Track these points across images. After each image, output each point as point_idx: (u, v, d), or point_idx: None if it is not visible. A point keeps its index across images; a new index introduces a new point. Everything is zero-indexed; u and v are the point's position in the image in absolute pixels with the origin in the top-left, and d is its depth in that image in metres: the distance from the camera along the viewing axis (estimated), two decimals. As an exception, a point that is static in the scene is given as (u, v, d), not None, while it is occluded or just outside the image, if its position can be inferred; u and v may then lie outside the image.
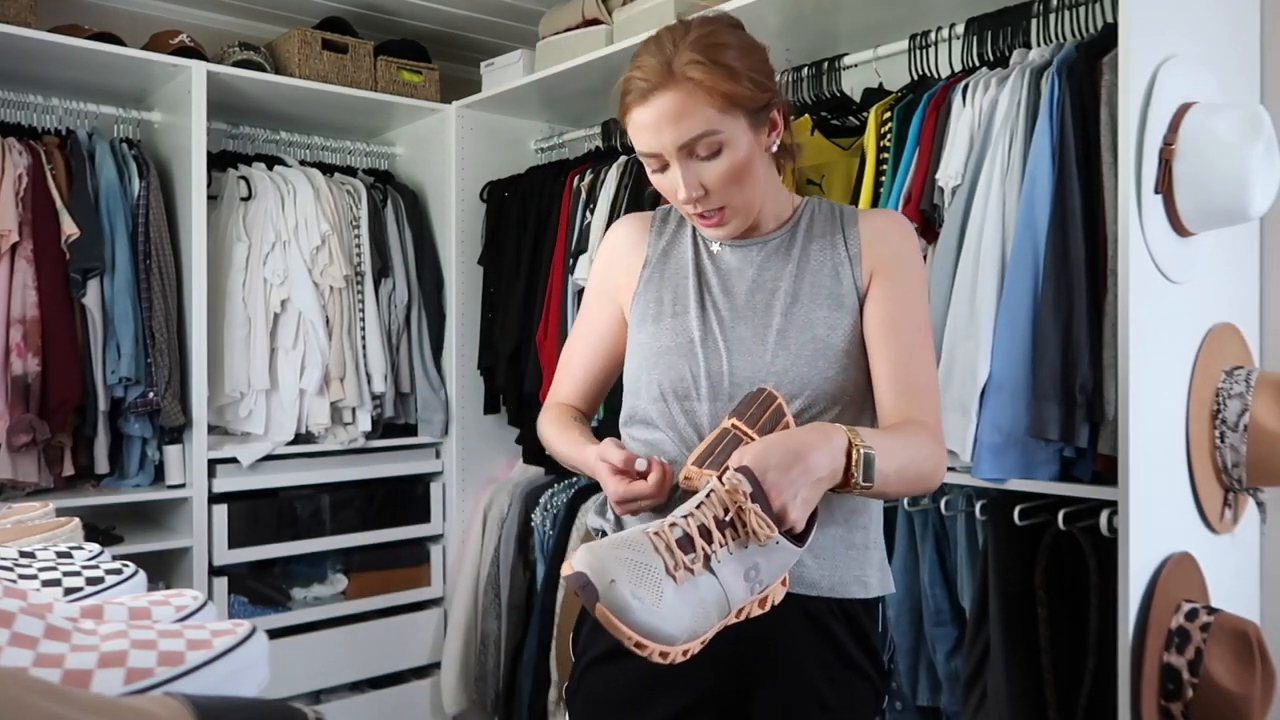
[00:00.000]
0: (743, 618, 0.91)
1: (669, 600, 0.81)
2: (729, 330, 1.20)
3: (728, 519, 0.85)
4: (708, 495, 0.87)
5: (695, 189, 1.13)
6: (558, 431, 1.29)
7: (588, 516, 1.31)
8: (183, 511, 2.55)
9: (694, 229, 1.28)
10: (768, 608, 0.93)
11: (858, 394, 1.19)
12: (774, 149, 1.21)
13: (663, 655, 0.81)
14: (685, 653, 0.83)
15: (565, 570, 0.83)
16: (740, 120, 1.13)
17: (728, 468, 0.90)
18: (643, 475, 1.09)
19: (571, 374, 1.36)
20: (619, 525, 1.22)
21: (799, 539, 0.91)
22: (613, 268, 1.33)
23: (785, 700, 1.17)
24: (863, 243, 1.22)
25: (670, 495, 1.10)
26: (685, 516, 0.86)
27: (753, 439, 0.98)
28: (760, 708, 1.17)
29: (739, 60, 1.12)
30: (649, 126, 1.12)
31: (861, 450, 0.97)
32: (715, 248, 1.26)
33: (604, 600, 0.79)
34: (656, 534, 0.84)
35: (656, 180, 1.18)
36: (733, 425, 1.01)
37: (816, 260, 1.22)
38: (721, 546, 0.85)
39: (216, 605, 2.54)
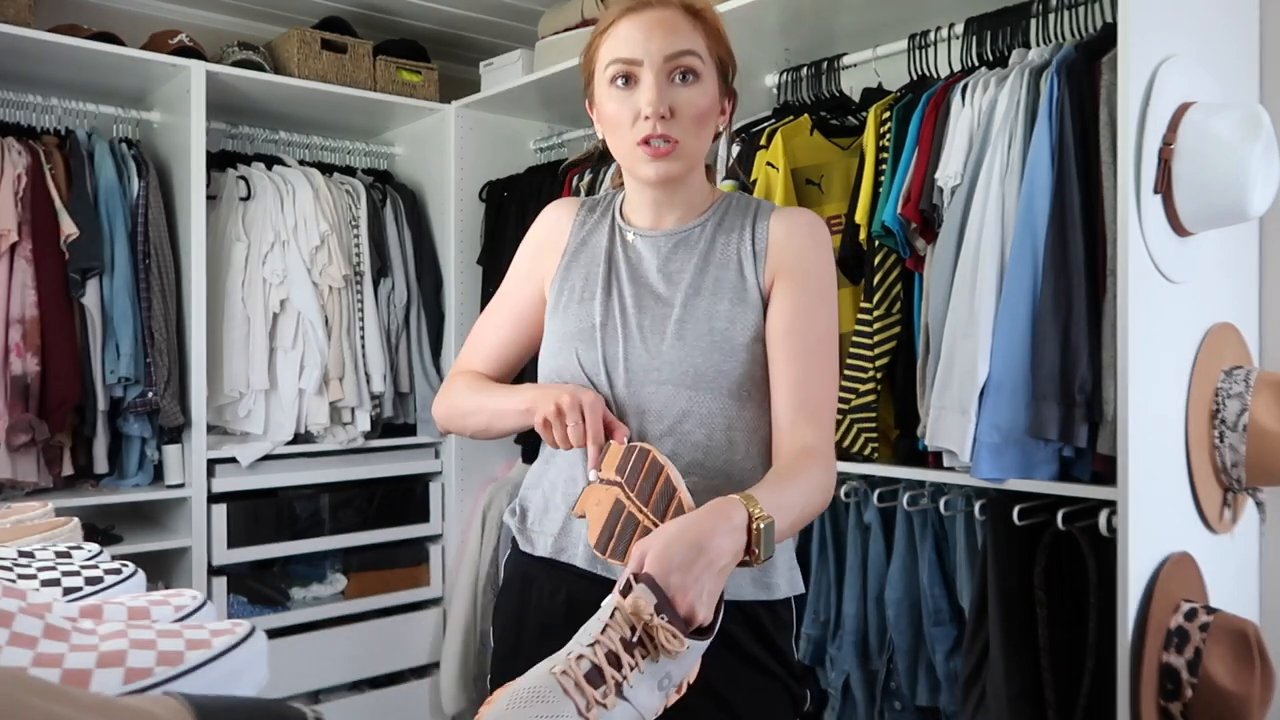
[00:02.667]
0: (658, 714, 0.87)
1: None
2: (630, 318, 1.19)
3: (635, 639, 0.82)
4: (612, 616, 0.83)
5: (663, 104, 1.13)
6: (474, 390, 1.27)
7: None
8: (182, 511, 2.55)
9: (614, 220, 1.28)
10: (684, 692, 0.89)
11: (754, 389, 1.18)
12: (720, 130, 1.23)
13: None
14: None
15: None
16: (714, 72, 1.17)
17: (630, 581, 0.86)
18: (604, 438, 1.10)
19: (481, 349, 1.34)
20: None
21: (708, 629, 0.88)
22: (541, 251, 1.32)
23: (686, 698, 1.16)
24: (770, 240, 1.20)
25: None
26: (592, 645, 0.81)
27: (647, 517, 0.96)
28: None
29: (721, 29, 1.20)
30: (637, 32, 1.13)
31: (761, 525, 0.94)
32: (630, 237, 1.25)
33: None
34: (564, 672, 0.79)
35: (615, 102, 1.16)
36: (627, 500, 0.99)
37: (722, 254, 1.21)
38: (633, 670, 0.81)
39: (215, 605, 2.54)
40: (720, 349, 1.16)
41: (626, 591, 0.85)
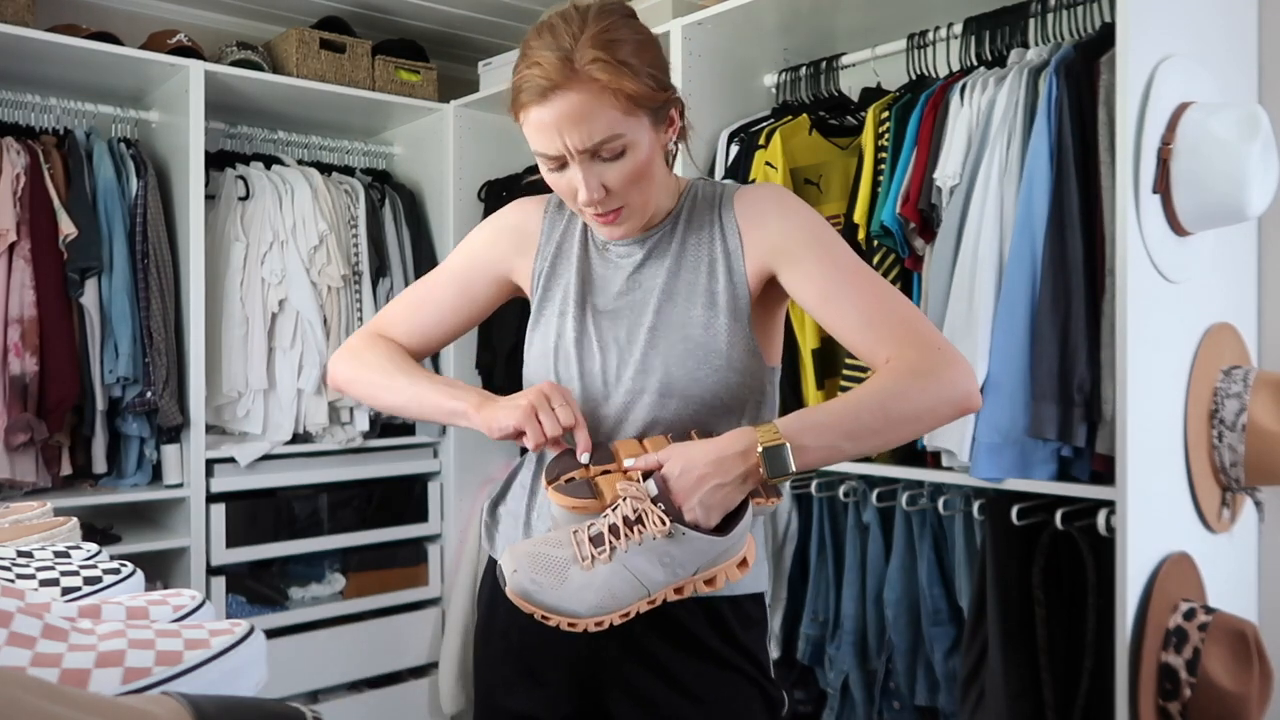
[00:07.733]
0: (688, 593, 1.04)
1: (574, 583, 0.99)
2: (605, 330, 1.18)
3: (635, 518, 1.00)
4: (625, 499, 1.02)
5: (597, 190, 1.09)
6: (398, 367, 1.23)
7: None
8: (180, 511, 2.55)
9: (584, 223, 1.24)
10: (721, 585, 1.04)
11: (733, 400, 1.15)
12: (671, 145, 1.17)
13: (570, 625, 0.99)
14: (598, 624, 1.00)
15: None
16: (643, 120, 1.09)
17: (644, 474, 1.04)
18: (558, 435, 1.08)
19: (411, 322, 1.29)
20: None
21: (721, 530, 1.02)
22: (503, 246, 1.28)
23: (646, 689, 1.16)
24: (743, 233, 1.16)
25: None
26: (603, 516, 1.02)
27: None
28: (619, 698, 1.17)
29: (637, 56, 1.07)
30: (549, 126, 1.06)
31: (763, 448, 0.98)
32: (600, 243, 1.23)
33: (510, 585, 1.00)
34: (576, 531, 1.02)
35: (553, 180, 1.13)
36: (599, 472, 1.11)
37: (693, 256, 1.18)
38: (628, 539, 0.99)
39: (214, 605, 2.53)
40: (694, 356, 1.13)
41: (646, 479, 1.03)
